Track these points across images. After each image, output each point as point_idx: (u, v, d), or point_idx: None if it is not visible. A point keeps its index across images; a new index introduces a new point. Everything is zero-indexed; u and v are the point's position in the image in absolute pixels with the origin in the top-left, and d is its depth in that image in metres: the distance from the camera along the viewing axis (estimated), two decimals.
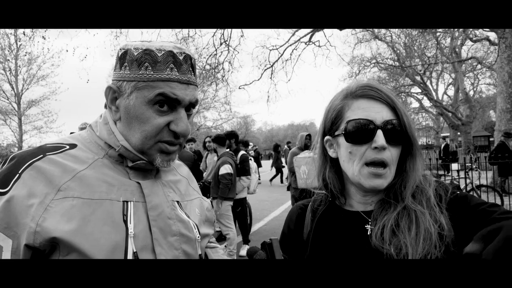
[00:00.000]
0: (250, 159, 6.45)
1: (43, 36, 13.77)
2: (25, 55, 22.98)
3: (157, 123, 0.95)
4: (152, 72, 0.93)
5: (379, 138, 0.91)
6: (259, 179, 14.16)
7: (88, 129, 1.05)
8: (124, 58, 0.95)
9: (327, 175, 1.05)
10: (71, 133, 4.83)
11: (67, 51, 16.73)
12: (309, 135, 6.79)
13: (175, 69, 0.94)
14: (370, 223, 0.96)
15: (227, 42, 15.28)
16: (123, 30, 14.34)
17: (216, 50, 15.35)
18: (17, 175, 0.86)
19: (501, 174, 9.59)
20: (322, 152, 1.05)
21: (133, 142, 0.97)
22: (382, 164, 0.92)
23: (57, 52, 25.70)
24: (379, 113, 0.93)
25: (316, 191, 1.12)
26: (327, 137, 1.04)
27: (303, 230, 1.07)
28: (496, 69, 12.13)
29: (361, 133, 0.94)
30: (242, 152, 6.26)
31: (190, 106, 1.00)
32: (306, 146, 6.62)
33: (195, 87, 1.01)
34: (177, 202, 1.07)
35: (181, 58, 0.96)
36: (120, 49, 0.97)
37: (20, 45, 24.18)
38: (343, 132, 0.97)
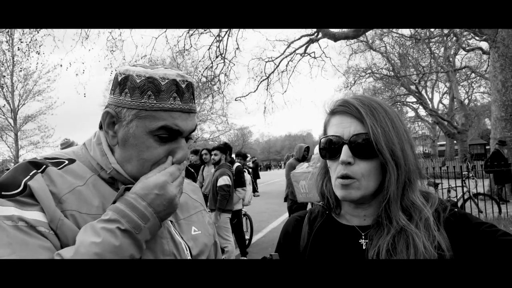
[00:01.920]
0: (245, 171, 6.47)
1: (37, 52, 13.67)
2: (20, 71, 23.02)
3: (157, 153, 0.95)
4: (155, 101, 0.91)
5: (342, 153, 0.94)
6: (257, 191, 14.11)
7: (82, 148, 1.04)
8: (124, 84, 0.93)
9: (326, 186, 1.06)
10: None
11: (61, 66, 16.75)
12: (307, 147, 6.83)
13: (178, 98, 0.93)
14: (363, 236, 0.97)
15: (223, 55, 15.40)
16: (118, 44, 14.44)
17: (212, 62, 15.46)
18: (28, 176, 0.86)
19: (497, 182, 9.60)
20: (323, 164, 1.06)
21: (128, 169, 0.96)
22: (350, 177, 0.94)
23: (53, 67, 25.78)
24: (347, 128, 0.95)
25: (316, 203, 1.13)
26: None
27: (300, 242, 1.07)
28: (490, 77, 12.27)
29: (331, 149, 0.98)
30: (237, 164, 6.28)
31: (189, 133, 1.00)
32: (304, 158, 6.65)
33: (195, 114, 1.01)
34: (171, 221, 1.05)
35: (183, 86, 0.94)
36: (120, 73, 0.95)
37: (15, 61, 24.26)
38: (319, 149, 1.02)
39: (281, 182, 17.31)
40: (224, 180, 5.55)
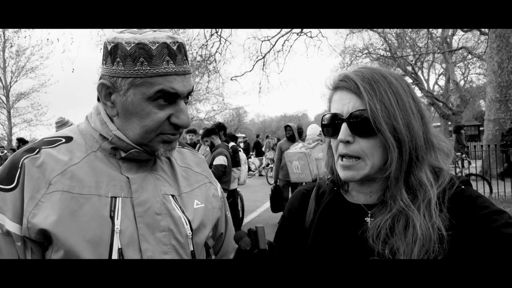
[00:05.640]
0: (240, 150, 6.51)
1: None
2: (11, 46, 22.57)
3: (158, 118, 0.94)
4: (148, 68, 0.90)
5: (341, 131, 0.90)
6: (250, 170, 14.22)
7: (85, 121, 1.05)
8: (115, 52, 0.91)
9: (334, 163, 1.02)
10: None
11: (47, 39, 16.39)
12: (288, 126, 6.92)
13: (171, 61, 0.92)
14: (369, 215, 0.95)
15: (218, 33, 15.16)
16: None
17: (207, 41, 15.23)
18: (19, 169, 0.90)
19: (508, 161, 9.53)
20: (329, 141, 1.03)
21: (131, 136, 0.96)
22: (351, 156, 0.90)
23: (46, 44, 25.31)
24: (347, 105, 0.91)
25: (324, 177, 1.10)
26: None
27: (305, 218, 1.06)
28: (486, 58, 12.22)
29: (331, 127, 0.95)
30: (231, 144, 6.29)
31: (188, 94, 0.99)
32: (290, 137, 6.72)
33: (190, 74, 0.99)
34: (172, 195, 1.04)
35: (175, 48, 0.93)
36: (109, 42, 0.93)
37: (7, 36, 23.77)
38: (322, 126, 0.99)
39: None
40: (220, 160, 5.56)
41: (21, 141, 13.27)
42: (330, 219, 1.00)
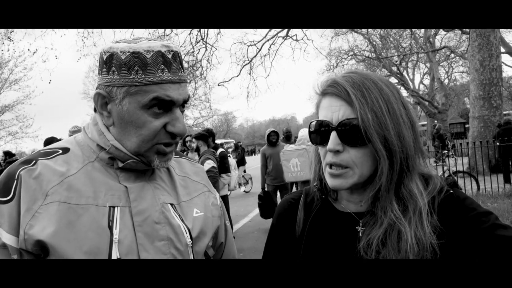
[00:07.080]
0: (229, 156, 6.51)
1: (8, 37, 13.21)
2: None
3: (154, 127, 0.93)
4: (143, 76, 0.90)
5: (330, 141, 0.87)
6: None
7: (82, 132, 1.05)
8: (110, 62, 0.92)
9: (322, 171, 1.00)
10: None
11: (28, 49, 16.25)
12: (273, 131, 6.97)
13: (166, 70, 0.92)
14: (361, 224, 0.93)
15: (204, 40, 15.17)
16: (93, 31, 14.05)
17: (193, 47, 15.22)
18: (15, 181, 0.89)
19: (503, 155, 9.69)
20: (317, 148, 1.00)
21: (128, 146, 0.96)
22: (341, 165, 0.88)
23: (29, 55, 25.04)
24: (336, 113, 0.87)
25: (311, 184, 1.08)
26: None
27: (295, 227, 1.03)
28: (468, 57, 12.45)
29: (319, 135, 0.92)
30: (220, 150, 6.27)
31: (183, 103, 0.99)
32: (271, 143, 6.81)
33: (186, 83, 0.99)
34: (171, 204, 1.03)
35: (170, 56, 0.93)
36: (104, 52, 0.94)
37: None
38: (309, 132, 0.96)
39: None
40: (209, 164, 5.53)
41: (8, 154, 13.02)
42: (321, 228, 0.98)
